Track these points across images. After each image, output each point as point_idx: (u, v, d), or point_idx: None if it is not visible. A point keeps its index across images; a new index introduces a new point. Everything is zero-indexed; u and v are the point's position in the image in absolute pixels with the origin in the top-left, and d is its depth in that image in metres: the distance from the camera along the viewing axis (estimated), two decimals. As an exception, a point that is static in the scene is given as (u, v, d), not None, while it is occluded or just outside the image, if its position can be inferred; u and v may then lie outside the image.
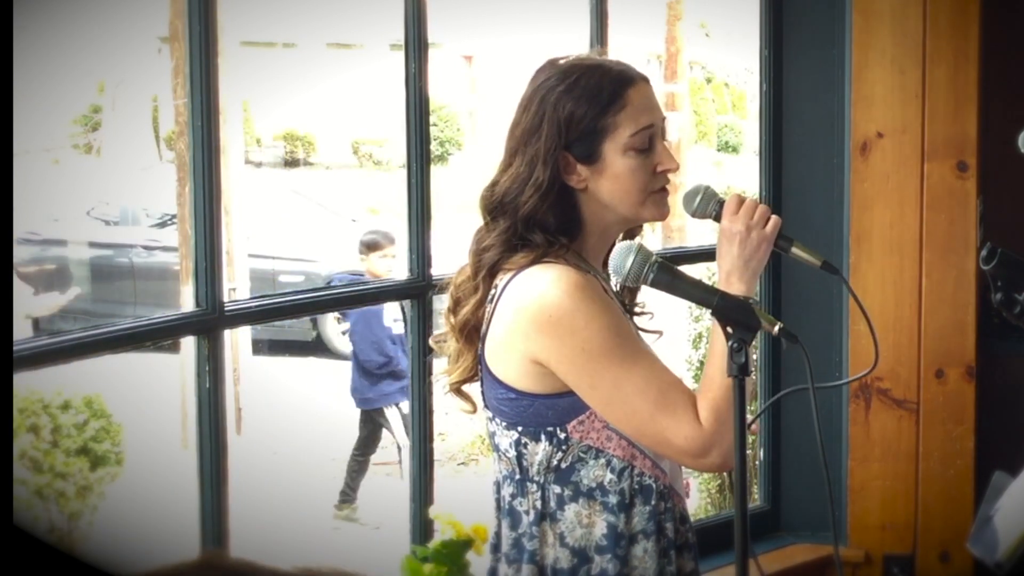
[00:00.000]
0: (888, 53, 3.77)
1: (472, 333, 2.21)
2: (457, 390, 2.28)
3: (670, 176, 2.22)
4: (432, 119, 3.43)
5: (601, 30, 3.52)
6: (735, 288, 2.13)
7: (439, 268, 3.12)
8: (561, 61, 2.21)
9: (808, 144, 3.93)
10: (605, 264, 2.19)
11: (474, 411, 2.29)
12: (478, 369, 2.22)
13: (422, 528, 3.10)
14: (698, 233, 13.42)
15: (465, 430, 9.02)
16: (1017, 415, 3.88)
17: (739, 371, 1.98)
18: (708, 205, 2.22)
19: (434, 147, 13.74)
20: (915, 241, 3.79)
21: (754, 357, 4.41)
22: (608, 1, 3.53)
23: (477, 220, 2.25)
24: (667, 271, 2.03)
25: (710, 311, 2.06)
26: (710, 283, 2.24)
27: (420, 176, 3.12)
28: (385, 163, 22.18)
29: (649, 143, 2.17)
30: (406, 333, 3.21)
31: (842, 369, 3.85)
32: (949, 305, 3.78)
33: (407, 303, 3.23)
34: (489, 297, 2.18)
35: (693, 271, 3.27)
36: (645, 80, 2.21)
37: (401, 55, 3.15)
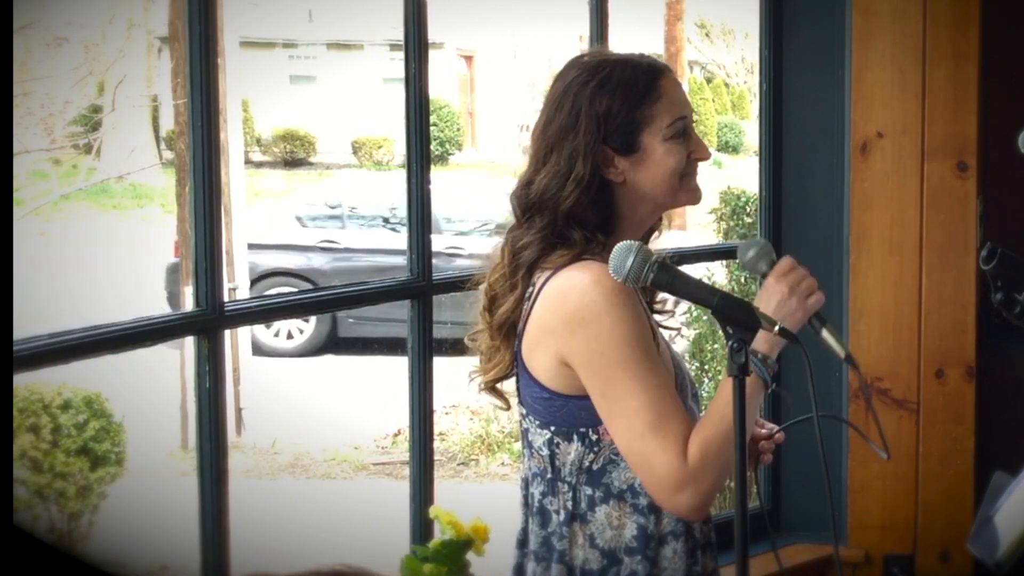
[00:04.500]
0: (888, 53, 3.77)
1: (510, 331, 2.21)
2: (491, 388, 2.28)
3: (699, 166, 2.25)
4: (432, 119, 3.42)
5: (601, 30, 3.52)
6: (758, 344, 2.09)
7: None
8: (586, 58, 2.23)
9: (808, 144, 3.93)
10: None
11: (508, 408, 2.30)
12: (513, 367, 2.22)
13: (422, 528, 3.09)
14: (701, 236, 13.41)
15: (465, 430, 9.03)
16: (1017, 415, 3.88)
17: (739, 371, 1.97)
18: (759, 260, 2.19)
19: (434, 147, 13.75)
20: (915, 241, 3.79)
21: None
22: (608, 1, 3.53)
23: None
24: (667, 271, 2.03)
25: (710, 311, 2.05)
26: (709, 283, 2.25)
27: (420, 176, 3.12)
28: (385, 163, 22.18)
29: (684, 132, 2.20)
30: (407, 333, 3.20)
31: (842, 369, 3.84)
32: (949, 305, 3.78)
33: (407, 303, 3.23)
34: (527, 295, 2.18)
35: (693, 271, 3.26)
36: (672, 71, 2.25)
37: (401, 55, 3.15)
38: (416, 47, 3.10)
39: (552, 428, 2.18)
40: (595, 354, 2.09)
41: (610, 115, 2.15)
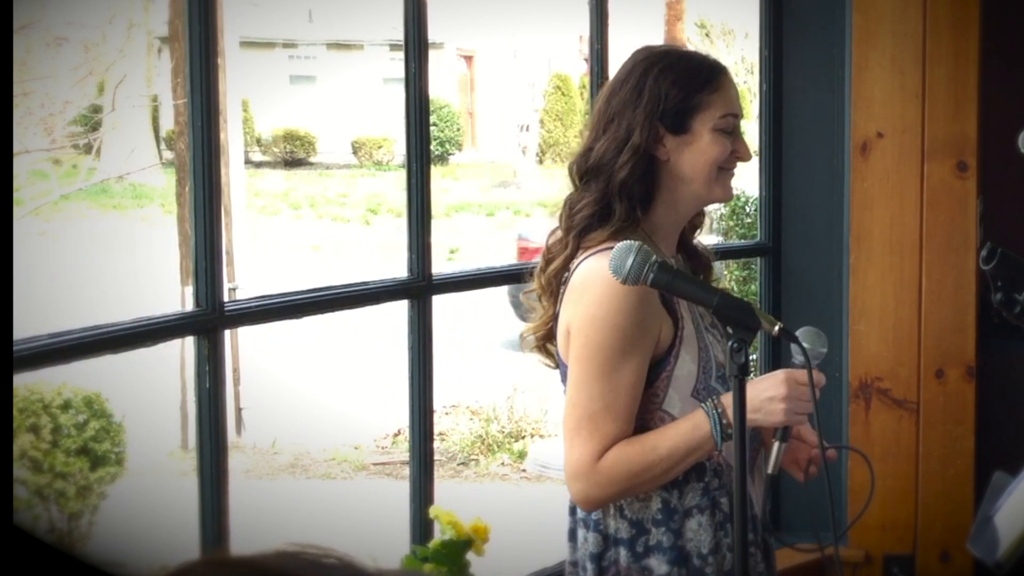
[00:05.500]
0: (888, 53, 3.77)
1: (557, 289, 2.32)
2: (541, 347, 2.39)
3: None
4: (432, 119, 3.42)
5: (601, 30, 3.52)
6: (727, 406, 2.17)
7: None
8: (655, 48, 2.37)
9: (808, 144, 3.93)
10: (674, 244, 2.34)
11: (556, 367, 2.38)
12: (552, 322, 2.33)
13: (422, 528, 3.10)
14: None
15: (465, 430, 9.03)
16: (1017, 415, 3.88)
17: (739, 371, 1.99)
18: (803, 352, 2.16)
19: (434, 147, 13.73)
20: (915, 241, 3.79)
21: (753, 358, 4.42)
22: (608, 1, 3.53)
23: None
24: (667, 271, 2.04)
25: (710, 310, 2.06)
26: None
27: (420, 176, 3.12)
28: (385, 163, 22.17)
29: (732, 129, 2.32)
30: (408, 333, 3.20)
31: (842, 369, 3.85)
32: (949, 305, 3.78)
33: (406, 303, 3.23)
34: (563, 278, 2.30)
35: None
36: (730, 72, 2.38)
37: (401, 55, 3.15)
38: (416, 47, 3.10)
39: None
40: (582, 334, 2.21)
41: (670, 95, 2.28)
